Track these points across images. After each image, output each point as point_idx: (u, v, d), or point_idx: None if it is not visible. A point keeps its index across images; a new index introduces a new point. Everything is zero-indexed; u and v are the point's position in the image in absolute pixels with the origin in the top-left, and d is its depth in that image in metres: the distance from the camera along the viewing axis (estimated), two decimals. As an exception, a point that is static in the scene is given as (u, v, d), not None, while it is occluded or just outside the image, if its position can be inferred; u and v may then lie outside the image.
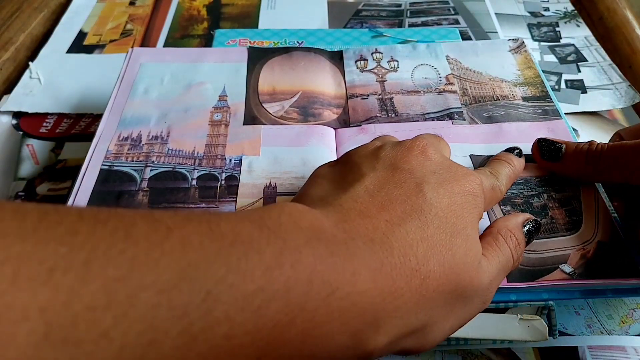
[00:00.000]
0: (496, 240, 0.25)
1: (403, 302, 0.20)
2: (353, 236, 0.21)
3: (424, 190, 0.23)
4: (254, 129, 0.37)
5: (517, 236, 0.26)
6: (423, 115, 0.38)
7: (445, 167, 0.25)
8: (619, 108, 0.46)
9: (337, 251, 0.19)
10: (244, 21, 0.56)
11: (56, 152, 0.43)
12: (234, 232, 0.18)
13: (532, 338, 0.28)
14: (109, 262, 0.15)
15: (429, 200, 0.23)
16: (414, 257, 0.21)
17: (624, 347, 0.30)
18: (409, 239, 0.21)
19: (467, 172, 0.25)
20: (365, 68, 0.42)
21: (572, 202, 0.32)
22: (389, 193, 0.23)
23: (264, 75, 0.41)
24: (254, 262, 0.17)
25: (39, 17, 0.56)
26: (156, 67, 0.42)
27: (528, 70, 0.42)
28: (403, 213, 0.22)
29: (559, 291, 0.28)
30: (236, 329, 0.16)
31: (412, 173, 0.24)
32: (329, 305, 0.18)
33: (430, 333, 0.22)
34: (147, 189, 0.33)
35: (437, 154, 0.26)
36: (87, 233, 0.15)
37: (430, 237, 0.22)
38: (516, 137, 0.36)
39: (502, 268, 0.25)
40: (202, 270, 0.16)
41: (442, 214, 0.23)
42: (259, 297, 0.17)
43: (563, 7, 0.59)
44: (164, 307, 0.15)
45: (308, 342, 0.18)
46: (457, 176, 0.25)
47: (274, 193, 0.32)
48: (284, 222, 0.19)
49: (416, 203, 0.23)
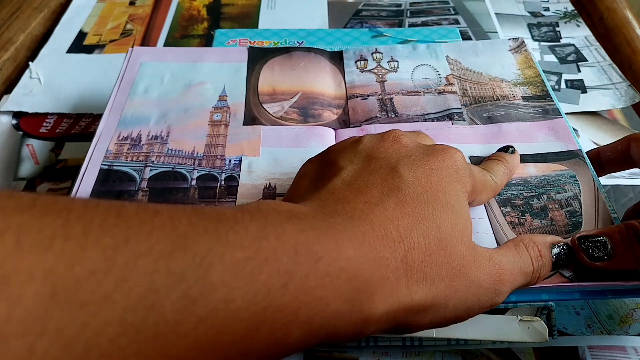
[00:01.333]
0: (516, 245, 0.26)
1: (390, 271, 0.21)
2: (332, 215, 0.21)
3: (399, 171, 0.24)
4: (254, 130, 0.37)
5: (540, 248, 0.26)
6: (423, 116, 0.38)
7: (421, 149, 0.26)
8: (619, 108, 0.46)
9: (317, 226, 0.20)
10: (244, 21, 0.56)
11: (56, 152, 0.43)
12: (218, 213, 0.19)
13: (532, 339, 0.28)
14: (104, 233, 0.15)
15: (405, 180, 0.23)
16: (395, 230, 0.21)
17: (624, 347, 0.30)
18: (389, 214, 0.22)
19: (445, 147, 0.26)
20: (365, 68, 0.42)
21: (572, 203, 0.32)
22: (365, 180, 0.24)
23: (264, 75, 0.41)
24: (241, 234, 0.18)
25: (39, 17, 0.56)
26: (156, 67, 0.42)
27: (528, 69, 0.42)
28: (380, 194, 0.23)
29: (558, 292, 0.28)
30: (233, 293, 0.17)
31: (387, 160, 0.25)
32: (317, 271, 0.19)
33: (431, 309, 0.22)
34: (147, 189, 0.33)
35: (412, 142, 0.26)
36: (81, 210, 0.16)
37: (411, 212, 0.22)
38: (516, 137, 0.36)
39: (518, 268, 0.24)
40: (193, 241, 0.17)
41: (422, 190, 0.23)
42: (250, 264, 0.17)
43: (563, 7, 0.59)
44: (162, 272, 0.16)
45: (303, 308, 0.18)
46: (434, 153, 0.25)
47: (274, 194, 0.32)
48: (262, 208, 0.20)
49: (392, 184, 0.23)
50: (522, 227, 0.30)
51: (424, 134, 0.30)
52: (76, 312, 0.14)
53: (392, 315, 0.21)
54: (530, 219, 0.31)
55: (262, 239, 0.18)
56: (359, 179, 0.24)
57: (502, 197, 0.32)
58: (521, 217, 0.31)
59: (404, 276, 0.21)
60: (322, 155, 0.28)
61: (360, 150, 0.26)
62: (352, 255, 0.20)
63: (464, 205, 0.24)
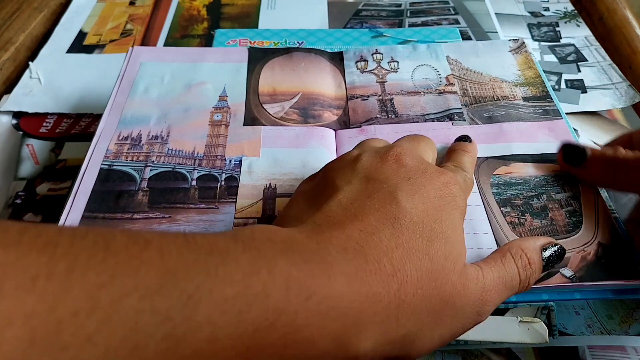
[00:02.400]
0: (503, 256, 0.25)
1: (382, 307, 0.20)
2: (326, 246, 0.21)
3: (397, 198, 0.23)
4: (254, 130, 0.37)
5: (528, 256, 0.25)
6: (423, 116, 0.38)
7: (420, 171, 0.25)
8: (619, 108, 0.46)
9: (310, 259, 0.20)
10: (244, 21, 0.56)
11: (56, 152, 0.43)
12: (210, 243, 0.18)
13: (532, 341, 0.28)
14: (90, 269, 0.15)
15: (403, 208, 0.23)
16: (389, 263, 0.21)
17: (624, 347, 0.30)
18: (383, 246, 0.21)
19: (442, 173, 0.25)
20: (366, 69, 0.42)
21: (572, 203, 0.32)
22: (362, 204, 0.23)
23: (265, 75, 0.41)
24: (232, 268, 0.18)
25: (39, 17, 0.56)
26: (156, 66, 0.42)
27: (528, 70, 0.42)
28: (376, 221, 0.22)
29: (558, 292, 0.28)
30: (218, 332, 0.16)
31: (385, 182, 0.24)
32: (307, 309, 0.18)
33: (417, 341, 0.22)
34: (147, 189, 0.33)
35: (413, 160, 0.26)
36: (67, 244, 0.15)
37: (406, 243, 0.22)
38: (517, 137, 0.36)
39: (502, 283, 0.24)
40: (181, 277, 0.16)
41: (418, 219, 0.23)
42: (239, 302, 0.17)
43: (563, 7, 0.59)
44: (147, 311, 0.15)
45: (289, 347, 0.18)
46: (432, 179, 0.25)
47: (274, 194, 0.32)
48: (257, 237, 0.20)
49: (389, 211, 0.23)
50: (522, 227, 0.30)
51: (425, 141, 0.30)
52: (56, 355, 0.14)
53: (378, 350, 0.21)
54: (531, 219, 0.31)
55: (253, 274, 0.18)
56: (356, 203, 0.23)
57: (502, 197, 0.32)
58: (521, 217, 0.31)
59: (394, 311, 0.20)
60: (320, 173, 0.28)
61: (359, 170, 0.25)
62: (344, 292, 0.19)
63: (459, 232, 0.24)
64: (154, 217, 0.31)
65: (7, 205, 0.39)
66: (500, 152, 0.35)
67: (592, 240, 0.30)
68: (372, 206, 0.23)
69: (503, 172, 0.34)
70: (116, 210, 0.31)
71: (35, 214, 0.38)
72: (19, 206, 0.38)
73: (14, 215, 0.38)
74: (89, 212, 0.31)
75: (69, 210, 0.31)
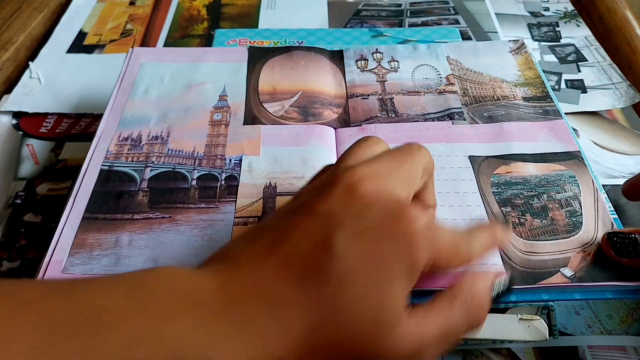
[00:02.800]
0: (452, 301, 0.22)
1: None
2: (237, 300, 0.19)
3: (332, 242, 0.20)
4: (254, 129, 0.37)
5: (480, 299, 0.22)
6: (423, 116, 0.38)
7: (380, 204, 0.21)
8: (619, 108, 0.46)
9: (211, 320, 0.18)
10: (244, 21, 0.56)
11: (56, 152, 0.43)
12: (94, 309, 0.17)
13: (532, 338, 0.28)
14: None
15: (335, 254, 0.19)
16: (301, 324, 0.19)
17: (624, 347, 0.30)
18: (301, 303, 0.19)
19: (404, 210, 0.21)
20: (366, 68, 0.42)
21: (573, 203, 0.32)
22: (293, 245, 0.20)
23: (264, 75, 0.41)
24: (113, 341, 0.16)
25: (39, 17, 0.56)
26: (156, 67, 0.42)
27: (528, 70, 0.42)
28: (301, 272, 0.19)
29: (558, 292, 0.28)
30: None
31: (327, 220, 0.20)
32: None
33: None
34: (147, 189, 0.33)
35: (373, 190, 0.21)
36: None
37: (328, 299, 0.19)
38: (517, 137, 0.36)
39: (441, 336, 0.21)
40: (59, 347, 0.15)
41: (351, 268, 0.19)
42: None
43: (563, 7, 0.59)
44: None
45: None
46: (391, 216, 0.21)
47: (274, 193, 0.32)
48: (158, 287, 0.18)
49: (318, 261, 0.20)
50: (523, 227, 0.30)
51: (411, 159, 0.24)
52: None
53: None
54: (531, 219, 0.31)
55: (138, 342, 0.16)
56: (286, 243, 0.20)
57: (503, 196, 0.32)
58: (521, 217, 0.31)
59: None
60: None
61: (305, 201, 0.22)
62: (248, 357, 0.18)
63: (401, 283, 0.20)
64: (154, 217, 0.31)
65: (7, 205, 0.39)
66: (501, 151, 0.35)
67: (592, 241, 0.30)
68: (303, 251, 0.20)
69: (503, 171, 0.34)
70: (116, 211, 0.31)
71: (35, 214, 0.38)
72: (19, 206, 0.38)
73: (14, 215, 0.38)
74: (89, 213, 0.31)
75: (69, 211, 0.31)
